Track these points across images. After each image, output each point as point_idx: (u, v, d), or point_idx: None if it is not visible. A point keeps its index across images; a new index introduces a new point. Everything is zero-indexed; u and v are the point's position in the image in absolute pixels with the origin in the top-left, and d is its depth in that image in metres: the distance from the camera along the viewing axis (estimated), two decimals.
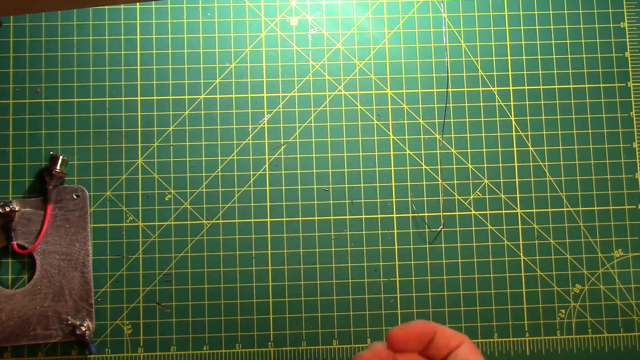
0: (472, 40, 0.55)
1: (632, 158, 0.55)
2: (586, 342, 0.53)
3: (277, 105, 0.54)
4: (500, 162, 0.54)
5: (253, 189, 0.53)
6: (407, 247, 0.53)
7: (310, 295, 0.52)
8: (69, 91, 0.53)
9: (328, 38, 0.55)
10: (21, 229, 0.51)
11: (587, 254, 0.54)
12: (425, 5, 0.56)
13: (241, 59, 0.54)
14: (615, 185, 0.55)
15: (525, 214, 0.54)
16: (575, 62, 0.56)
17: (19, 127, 0.53)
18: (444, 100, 0.55)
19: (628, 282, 0.54)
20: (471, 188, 0.54)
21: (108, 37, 0.54)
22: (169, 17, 0.54)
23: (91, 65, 0.54)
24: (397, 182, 0.54)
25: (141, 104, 0.54)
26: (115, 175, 0.53)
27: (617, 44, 0.56)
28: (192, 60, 0.54)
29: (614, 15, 0.56)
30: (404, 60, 0.55)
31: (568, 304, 0.53)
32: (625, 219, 0.54)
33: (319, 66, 0.55)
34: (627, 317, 0.53)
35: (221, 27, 0.55)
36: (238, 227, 0.53)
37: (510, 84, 0.55)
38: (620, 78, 0.56)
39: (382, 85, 0.55)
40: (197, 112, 0.54)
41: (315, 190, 0.53)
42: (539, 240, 0.54)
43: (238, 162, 0.53)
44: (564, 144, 0.55)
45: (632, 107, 0.55)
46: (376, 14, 0.55)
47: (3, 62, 0.53)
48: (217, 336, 0.52)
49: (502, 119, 0.55)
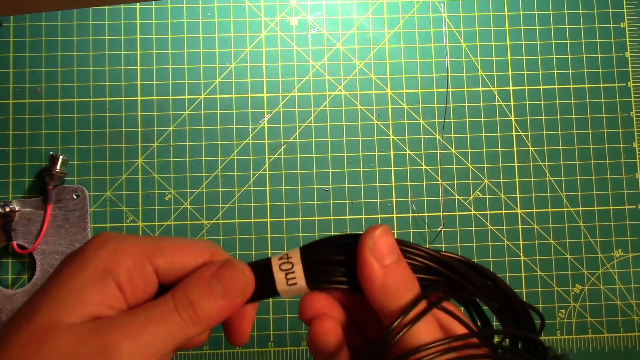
0: (472, 40, 0.55)
1: (632, 158, 0.55)
2: (586, 342, 0.53)
3: (277, 105, 0.54)
4: (500, 162, 0.54)
5: (253, 189, 0.53)
6: None
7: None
8: (69, 91, 0.53)
9: (328, 38, 0.55)
10: (21, 229, 0.51)
11: (587, 254, 0.54)
12: (425, 5, 0.56)
13: (241, 59, 0.54)
14: (615, 185, 0.55)
15: (525, 214, 0.54)
16: (575, 62, 0.56)
17: (19, 127, 0.53)
18: (444, 100, 0.55)
19: (628, 282, 0.54)
20: (471, 188, 0.54)
21: (108, 37, 0.54)
22: (169, 17, 0.54)
23: (91, 65, 0.54)
24: (397, 182, 0.54)
25: (141, 104, 0.54)
26: (115, 175, 0.53)
27: (617, 44, 0.56)
28: (192, 60, 0.54)
29: (614, 15, 0.56)
30: (404, 60, 0.55)
31: (568, 304, 0.53)
32: (625, 219, 0.54)
33: (319, 66, 0.55)
34: (627, 317, 0.53)
35: (221, 27, 0.55)
36: (238, 227, 0.53)
37: (510, 84, 0.55)
38: (620, 78, 0.56)
39: (382, 85, 0.55)
40: (197, 112, 0.54)
41: (315, 190, 0.53)
42: (539, 240, 0.54)
43: (238, 162, 0.53)
44: (564, 144, 0.55)
45: (632, 107, 0.55)
46: (376, 14, 0.55)
47: (3, 62, 0.53)
48: (217, 336, 0.52)
49: (502, 119, 0.55)
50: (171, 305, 0.22)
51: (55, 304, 0.21)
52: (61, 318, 0.21)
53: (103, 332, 0.21)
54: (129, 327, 0.21)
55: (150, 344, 0.21)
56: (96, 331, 0.21)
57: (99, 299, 0.22)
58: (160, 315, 0.22)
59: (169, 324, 0.22)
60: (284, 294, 0.24)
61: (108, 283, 0.22)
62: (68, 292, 0.21)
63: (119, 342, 0.21)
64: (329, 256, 0.25)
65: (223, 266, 0.23)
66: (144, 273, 0.23)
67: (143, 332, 0.21)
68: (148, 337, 0.21)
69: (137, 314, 0.22)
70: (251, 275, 0.24)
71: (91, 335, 0.21)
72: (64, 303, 0.21)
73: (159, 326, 0.22)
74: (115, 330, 0.21)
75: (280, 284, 0.24)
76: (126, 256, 0.22)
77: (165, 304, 0.22)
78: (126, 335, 0.21)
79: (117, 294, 0.22)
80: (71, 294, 0.21)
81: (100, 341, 0.21)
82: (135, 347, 0.21)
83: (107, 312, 0.22)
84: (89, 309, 0.21)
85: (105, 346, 0.20)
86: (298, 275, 0.24)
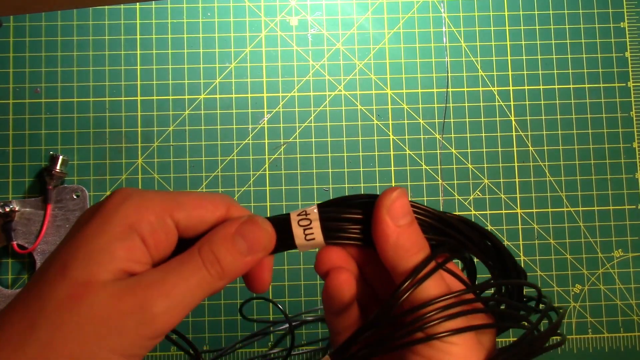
0: (472, 40, 0.55)
1: (632, 158, 0.55)
2: (586, 342, 0.53)
3: (277, 105, 0.54)
4: (500, 162, 0.54)
5: (253, 189, 0.53)
6: None
7: (310, 295, 0.52)
8: (69, 91, 0.53)
9: (328, 38, 0.55)
10: (21, 229, 0.51)
11: (587, 254, 0.54)
12: (425, 5, 0.56)
13: (241, 59, 0.54)
14: (615, 185, 0.55)
15: (525, 214, 0.54)
16: (575, 62, 0.56)
17: (19, 127, 0.53)
18: (444, 100, 0.55)
19: (628, 282, 0.54)
20: (471, 188, 0.54)
21: (108, 37, 0.54)
22: (169, 17, 0.54)
23: (91, 65, 0.54)
24: (397, 182, 0.54)
25: (141, 104, 0.54)
26: (115, 175, 0.53)
27: (617, 44, 0.56)
28: (192, 60, 0.54)
29: (614, 15, 0.56)
30: (404, 60, 0.55)
31: (568, 304, 0.53)
32: (625, 219, 0.54)
33: (319, 66, 0.55)
34: (627, 317, 0.53)
35: (221, 27, 0.55)
36: None
37: (510, 84, 0.55)
38: (620, 78, 0.56)
39: (382, 85, 0.55)
40: (197, 112, 0.54)
41: (315, 190, 0.53)
42: (539, 240, 0.54)
43: (238, 162, 0.53)
44: (564, 144, 0.55)
45: (632, 107, 0.55)
46: (376, 14, 0.55)
47: (3, 62, 0.53)
48: (217, 336, 0.52)
49: (502, 119, 0.55)
50: (199, 262, 0.23)
51: (86, 260, 0.22)
52: (95, 275, 0.21)
53: (138, 290, 0.22)
54: (163, 284, 0.22)
55: (182, 300, 0.22)
56: (131, 289, 0.22)
57: (126, 255, 0.22)
58: (190, 272, 0.23)
59: (198, 280, 0.23)
60: (301, 247, 0.26)
61: (133, 238, 0.23)
62: (97, 248, 0.22)
63: (154, 299, 0.21)
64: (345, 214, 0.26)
65: (246, 222, 0.24)
66: (166, 227, 0.24)
67: (176, 289, 0.22)
68: (180, 293, 0.22)
69: (169, 272, 0.23)
70: (273, 232, 0.25)
71: (127, 293, 0.21)
72: (94, 260, 0.22)
73: (189, 282, 0.22)
74: (150, 288, 0.22)
75: (298, 239, 0.25)
76: (148, 211, 0.23)
77: (194, 261, 0.23)
78: (161, 292, 0.22)
79: (142, 248, 0.23)
80: (100, 251, 0.22)
81: (136, 298, 0.21)
82: (169, 304, 0.22)
83: (134, 267, 0.23)
84: (119, 265, 0.22)
85: (141, 303, 0.21)
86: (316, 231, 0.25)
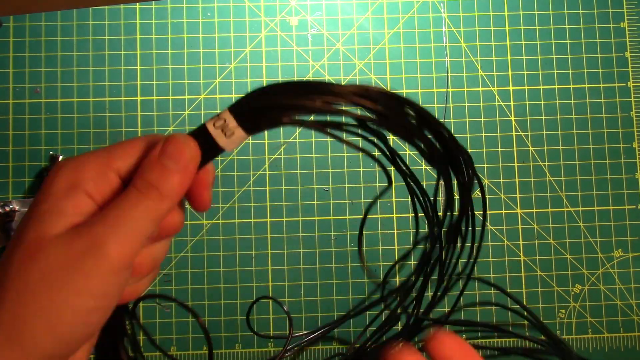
0: (472, 40, 0.55)
1: (632, 158, 0.55)
2: (586, 342, 0.53)
3: None
4: (500, 162, 0.54)
5: (253, 189, 0.53)
6: (407, 247, 0.53)
7: (310, 295, 0.52)
8: (69, 91, 0.53)
9: (328, 38, 0.55)
10: None
11: (587, 254, 0.54)
12: (425, 5, 0.56)
13: (241, 59, 0.54)
14: (615, 185, 0.55)
15: (525, 214, 0.54)
16: (575, 62, 0.56)
17: (19, 127, 0.53)
18: (444, 100, 0.55)
19: (628, 282, 0.54)
20: None
21: (108, 37, 0.54)
22: (169, 17, 0.54)
23: (91, 65, 0.54)
24: (397, 182, 0.54)
25: (141, 104, 0.54)
26: None
27: (617, 44, 0.56)
28: (192, 60, 0.54)
29: (614, 15, 0.56)
30: (404, 60, 0.55)
31: (568, 304, 0.53)
32: (625, 219, 0.54)
33: (319, 66, 0.55)
34: (627, 317, 0.53)
35: (221, 27, 0.55)
36: (238, 227, 0.53)
37: (510, 84, 0.55)
38: (620, 78, 0.56)
39: (382, 85, 0.55)
40: (197, 112, 0.54)
41: (315, 190, 0.53)
42: (539, 240, 0.54)
43: (238, 162, 0.53)
44: (564, 144, 0.55)
45: (632, 107, 0.55)
46: (376, 14, 0.55)
47: (3, 62, 0.53)
48: (217, 336, 0.52)
49: (502, 119, 0.55)
50: (136, 192, 0.24)
51: (37, 222, 0.23)
52: (46, 231, 0.23)
53: (86, 232, 0.23)
54: (107, 220, 0.23)
55: (131, 230, 0.23)
56: (81, 232, 0.23)
57: (74, 210, 0.24)
58: (132, 202, 0.24)
59: (141, 208, 0.24)
60: (227, 146, 0.26)
61: (78, 194, 0.24)
62: (45, 209, 0.24)
63: (103, 235, 0.23)
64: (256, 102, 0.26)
65: (166, 142, 0.25)
66: (107, 177, 0.25)
67: (121, 221, 0.23)
68: (127, 224, 0.23)
69: (112, 208, 0.24)
70: (193, 142, 0.26)
71: (78, 237, 0.23)
72: (44, 219, 0.23)
73: (133, 212, 0.24)
74: (96, 227, 0.23)
75: (219, 138, 0.26)
76: (86, 168, 0.25)
77: (132, 193, 0.24)
78: (108, 228, 0.23)
79: (89, 201, 0.24)
80: (48, 210, 0.24)
81: (88, 237, 0.23)
82: (119, 235, 0.23)
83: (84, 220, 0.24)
84: (69, 219, 0.23)
85: (92, 241, 0.23)
86: (232, 124, 0.26)
